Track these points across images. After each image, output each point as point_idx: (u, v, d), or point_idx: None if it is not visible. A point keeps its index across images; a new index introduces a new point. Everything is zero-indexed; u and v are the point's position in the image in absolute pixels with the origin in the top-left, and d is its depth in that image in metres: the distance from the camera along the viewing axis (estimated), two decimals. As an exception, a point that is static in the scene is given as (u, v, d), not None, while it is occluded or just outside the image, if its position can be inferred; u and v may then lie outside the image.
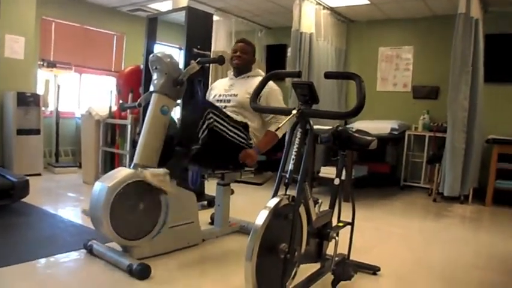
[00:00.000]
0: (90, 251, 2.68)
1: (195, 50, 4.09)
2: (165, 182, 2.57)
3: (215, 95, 3.19)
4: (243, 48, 3.18)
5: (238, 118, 2.94)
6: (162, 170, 2.59)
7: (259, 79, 2.92)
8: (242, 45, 3.19)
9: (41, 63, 5.91)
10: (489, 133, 5.20)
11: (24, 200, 3.74)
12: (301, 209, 2.01)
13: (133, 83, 4.86)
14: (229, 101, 3.05)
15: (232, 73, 3.26)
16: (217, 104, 3.08)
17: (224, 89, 3.16)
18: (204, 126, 2.56)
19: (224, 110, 2.99)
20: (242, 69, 3.19)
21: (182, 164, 2.72)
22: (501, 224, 4.31)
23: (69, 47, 6.52)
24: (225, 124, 2.69)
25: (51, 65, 5.89)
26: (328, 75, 2.23)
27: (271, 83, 2.81)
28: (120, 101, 5.22)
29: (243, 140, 2.82)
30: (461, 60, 4.59)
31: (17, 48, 5.48)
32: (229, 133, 2.73)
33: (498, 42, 5.49)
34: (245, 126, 2.88)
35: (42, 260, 2.57)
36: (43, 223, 3.41)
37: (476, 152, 4.87)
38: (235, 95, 3.04)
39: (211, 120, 2.59)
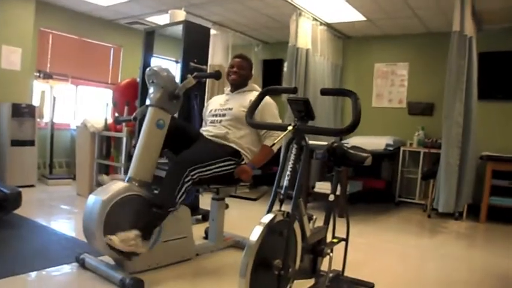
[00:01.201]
0: (83, 265, 2.66)
1: (192, 64, 4.11)
2: (136, 246, 2.40)
3: (211, 110, 3.20)
4: (240, 64, 3.19)
5: (231, 131, 2.96)
6: (132, 234, 2.40)
7: (254, 94, 2.95)
8: (239, 60, 3.21)
9: (38, 74, 5.91)
10: (483, 150, 5.24)
11: (16, 212, 3.70)
12: (296, 225, 2.00)
13: (130, 96, 4.87)
14: (224, 115, 3.06)
15: (228, 89, 3.27)
16: (213, 119, 3.10)
17: (220, 104, 3.17)
18: (183, 189, 2.56)
19: (220, 124, 3.01)
20: (239, 84, 3.20)
21: (157, 224, 2.60)
22: (495, 241, 4.31)
23: (66, 59, 6.52)
24: (210, 169, 2.70)
25: (48, 76, 5.90)
26: (324, 92, 2.24)
27: (266, 97, 2.81)
28: (116, 114, 5.22)
29: (233, 167, 2.84)
30: (455, 77, 4.63)
31: (13, 59, 5.49)
32: (218, 171, 2.76)
33: (491, 60, 5.55)
34: (235, 153, 2.89)
35: (33, 274, 2.53)
36: (35, 235, 3.37)
37: (470, 169, 4.88)
38: (231, 109, 3.05)
39: (195, 176, 2.60)
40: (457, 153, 4.67)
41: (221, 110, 3.10)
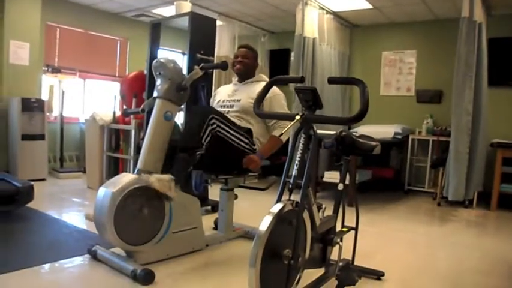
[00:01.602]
0: (94, 256, 2.69)
1: (199, 55, 4.11)
2: (170, 188, 2.56)
3: (219, 101, 3.20)
4: (244, 53, 3.20)
5: (242, 123, 2.95)
6: (167, 176, 2.58)
7: (262, 84, 2.94)
8: (243, 50, 3.21)
9: (46, 68, 5.95)
10: (493, 137, 5.20)
11: (28, 205, 3.75)
12: (305, 215, 2.01)
13: (137, 89, 4.88)
14: (232, 106, 3.06)
15: (236, 79, 3.28)
16: (221, 110, 3.09)
17: (228, 95, 3.18)
18: (207, 131, 2.58)
19: (227, 115, 3.00)
20: (244, 74, 3.20)
21: (186, 169, 2.72)
22: (506, 229, 4.29)
23: (74, 53, 6.55)
24: (228, 130, 2.71)
25: (56, 70, 5.93)
26: (331, 81, 2.23)
27: (274, 88, 2.81)
28: (124, 107, 5.24)
29: (246, 146, 2.83)
30: (465, 64, 4.58)
31: (22, 54, 5.52)
32: (233, 138, 2.75)
33: (501, 46, 5.48)
34: (248, 132, 2.89)
35: (46, 266, 2.57)
36: (47, 228, 3.41)
37: (480, 156, 4.85)
38: (238, 100, 3.05)
39: (214, 125, 2.61)
40: (466, 141, 4.65)
41: (229, 101, 3.11)
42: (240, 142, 2.80)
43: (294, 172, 1.98)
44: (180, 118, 3.94)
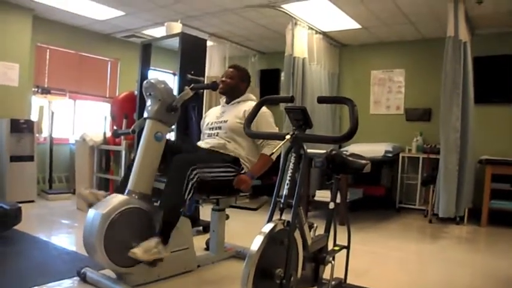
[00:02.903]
0: (84, 279, 2.65)
1: (189, 76, 4.13)
2: (158, 252, 2.42)
3: (207, 123, 3.21)
4: (228, 73, 3.21)
5: (231, 144, 2.96)
6: (153, 242, 2.43)
7: (249, 104, 2.97)
8: (229, 70, 3.23)
9: (36, 89, 5.93)
10: (481, 153, 5.25)
11: (16, 227, 3.70)
12: (297, 234, 2.00)
13: (128, 109, 4.89)
14: (220, 127, 3.07)
15: (224, 100, 3.29)
16: (210, 132, 3.11)
17: (216, 117, 3.19)
18: (189, 186, 2.56)
19: (217, 136, 3.01)
20: (229, 94, 3.21)
21: (169, 232, 2.61)
22: (497, 245, 4.31)
23: (64, 74, 6.55)
24: (211, 171, 2.72)
25: (46, 91, 5.91)
26: (321, 100, 2.25)
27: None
28: (114, 127, 5.23)
29: (233, 175, 2.85)
30: (451, 82, 4.65)
31: (11, 75, 5.51)
32: (219, 175, 2.77)
33: (486, 64, 5.59)
34: (234, 161, 2.91)
35: (35, 289, 2.52)
36: (36, 251, 3.36)
37: (469, 173, 4.89)
38: (226, 121, 3.06)
39: (196, 177, 2.59)
40: (455, 158, 4.69)
41: (217, 123, 3.12)
42: (227, 174, 2.82)
43: (285, 191, 1.98)
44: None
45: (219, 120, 3.11)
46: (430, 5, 4.85)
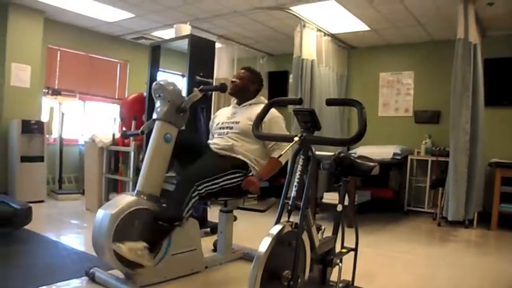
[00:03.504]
0: (93, 279, 2.66)
1: (198, 78, 4.14)
2: (142, 257, 2.41)
3: (218, 123, 3.20)
4: (238, 74, 3.21)
5: (239, 144, 2.96)
6: (140, 244, 2.43)
7: (261, 106, 2.96)
8: (240, 71, 3.24)
9: (46, 91, 5.99)
10: (491, 157, 5.21)
11: (26, 227, 3.73)
12: (304, 236, 2.00)
13: (137, 111, 4.91)
14: (231, 127, 3.06)
15: (235, 101, 3.28)
16: (220, 131, 3.11)
17: (227, 117, 3.18)
18: (190, 204, 2.58)
19: (227, 136, 3.02)
20: (238, 95, 3.21)
21: (162, 239, 2.65)
22: (507, 248, 4.27)
23: (74, 75, 6.61)
24: (217, 182, 2.72)
25: (56, 92, 5.97)
26: (329, 102, 2.25)
27: (273, 110, 2.81)
28: (123, 129, 5.26)
29: (241, 180, 2.85)
30: (461, 84, 4.62)
31: (23, 77, 5.57)
32: (225, 183, 2.77)
33: (496, 66, 5.55)
34: (242, 165, 2.90)
35: (44, 288, 2.55)
36: (45, 250, 3.39)
37: (479, 176, 4.85)
38: (237, 122, 3.05)
39: (197, 196, 2.61)
40: (465, 161, 4.65)
41: (228, 123, 3.11)
42: (235, 179, 2.82)
43: (293, 193, 1.98)
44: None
45: (231, 121, 3.11)
46: (439, 6, 4.82)
